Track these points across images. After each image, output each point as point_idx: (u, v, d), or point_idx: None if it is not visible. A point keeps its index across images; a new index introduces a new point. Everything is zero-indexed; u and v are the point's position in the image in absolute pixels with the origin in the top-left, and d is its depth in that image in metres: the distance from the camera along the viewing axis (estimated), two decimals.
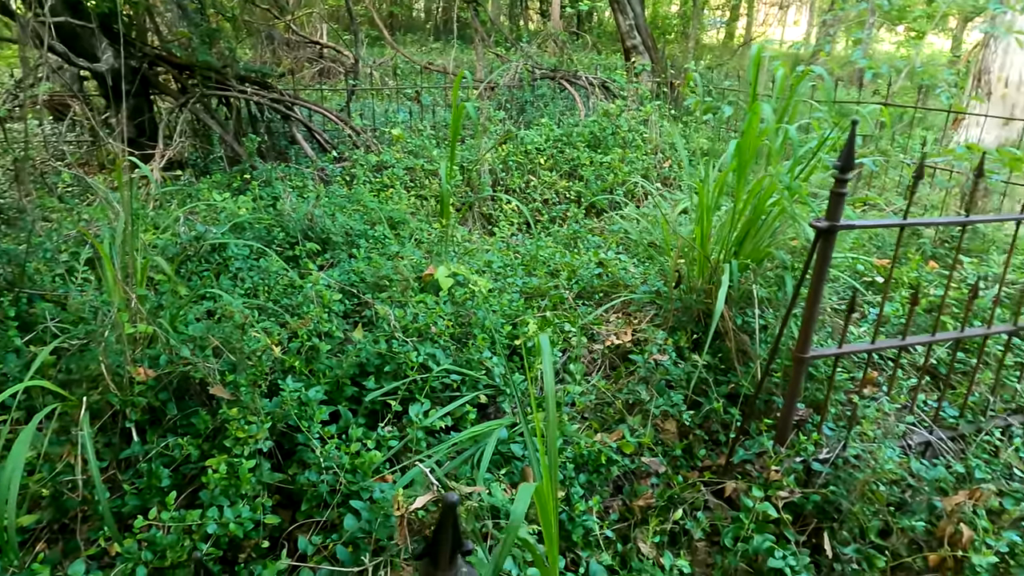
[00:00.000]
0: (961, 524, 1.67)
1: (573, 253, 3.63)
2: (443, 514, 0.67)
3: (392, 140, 5.13)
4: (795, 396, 1.76)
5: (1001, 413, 2.12)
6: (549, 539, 1.23)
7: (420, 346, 2.21)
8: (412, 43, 15.56)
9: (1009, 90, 6.22)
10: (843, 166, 1.51)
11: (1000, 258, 3.15)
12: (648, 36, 9.05)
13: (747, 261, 2.51)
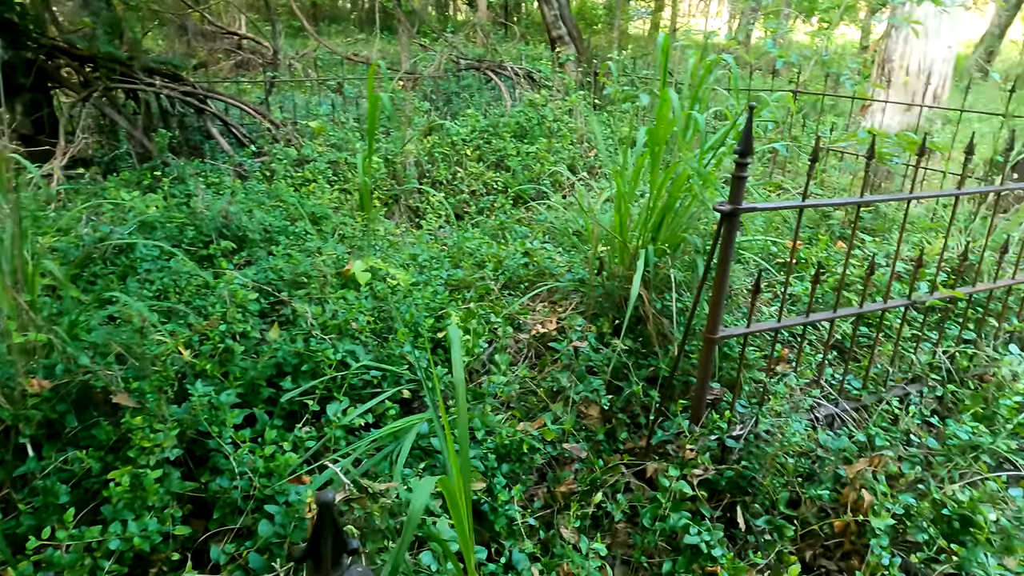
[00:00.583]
0: (863, 490, 1.76)
1: (500, 244, 3.62)
2: (319, 514, 0.64)
3: (313, 133, 4.99)
4: (707, 376, 1.81)
5: (900, 383, 2.24)
6: (462, 532, 1.22)
7: (339, 343, 2.16)
8: (337, 34, 15.19)
9: (910, 78, 6.57)
10: (742, 151, 1.56)
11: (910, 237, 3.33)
12: (573, 27, 9.12)
13: (664, 246, 2.56)
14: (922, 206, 3.63)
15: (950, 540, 1.68)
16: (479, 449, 1.84)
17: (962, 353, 2.36)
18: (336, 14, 20.19)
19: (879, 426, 1.98)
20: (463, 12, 22.22)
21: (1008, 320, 2.52)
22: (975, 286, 2.28)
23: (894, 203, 3.31)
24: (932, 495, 1.77)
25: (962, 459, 1.89)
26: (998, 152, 3.41)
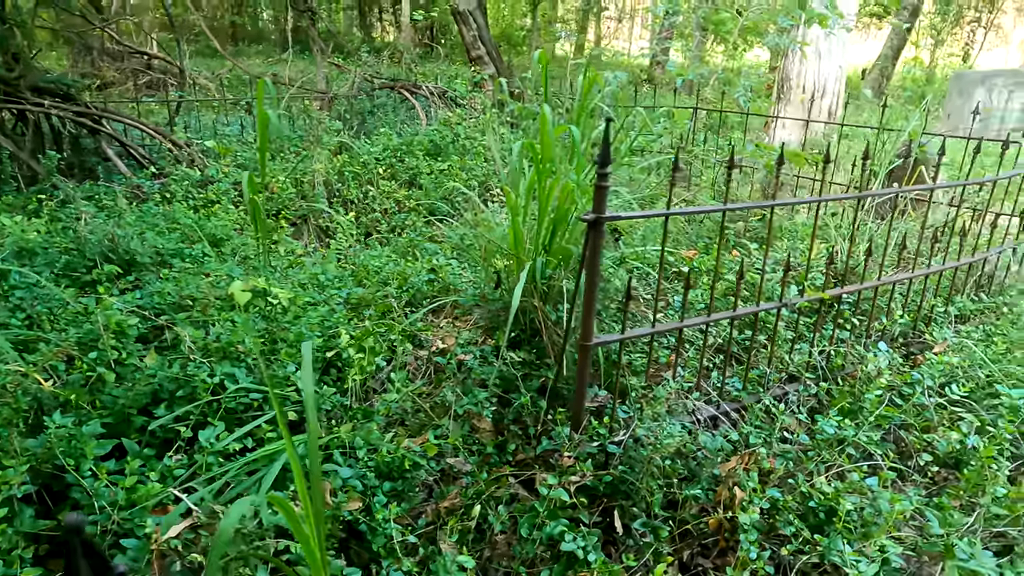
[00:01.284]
0: (735, 487, 1.82)
1: (408, 262, 3.60)
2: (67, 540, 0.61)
3: (219, 153, 4.86)
4: (584, 383, 1.84)
5: (777, 383, 2.34)
6: (311, 558, 1.18)
7: (217, 366, 2.08)
8: (257, 54, 14.91)
9: (806, 95, 6.97)
10: (601, 162, 1.60)
11: (791, 243, 3.50)
12: (493, 47, 9.25)
13: (557, 259, 2.60)
14: (809, 214, 3.83)
15: (815, 531, 1.75)
16: (357, 468, 1.81)
17: (837, 352, 2.48)
18: (258, 34, 19.82)
19: (754, 425, 2.05)
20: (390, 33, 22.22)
21: (878, 319, 2.68)
22: (843, 288, 2.41)
23: (780, 212, 3.48)
24: (800, 488, 1.84)
25: (829, 453, 1.98)
26: (875, 162, 3.63)
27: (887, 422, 2.07)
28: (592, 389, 2.14)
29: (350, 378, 2.33)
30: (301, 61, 11.72)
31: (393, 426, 2.17)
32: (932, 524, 1.76)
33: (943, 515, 1.79)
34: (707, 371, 2.40)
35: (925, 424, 2.16)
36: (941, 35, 19.74)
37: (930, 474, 2.07)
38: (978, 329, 2.75)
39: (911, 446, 2.11)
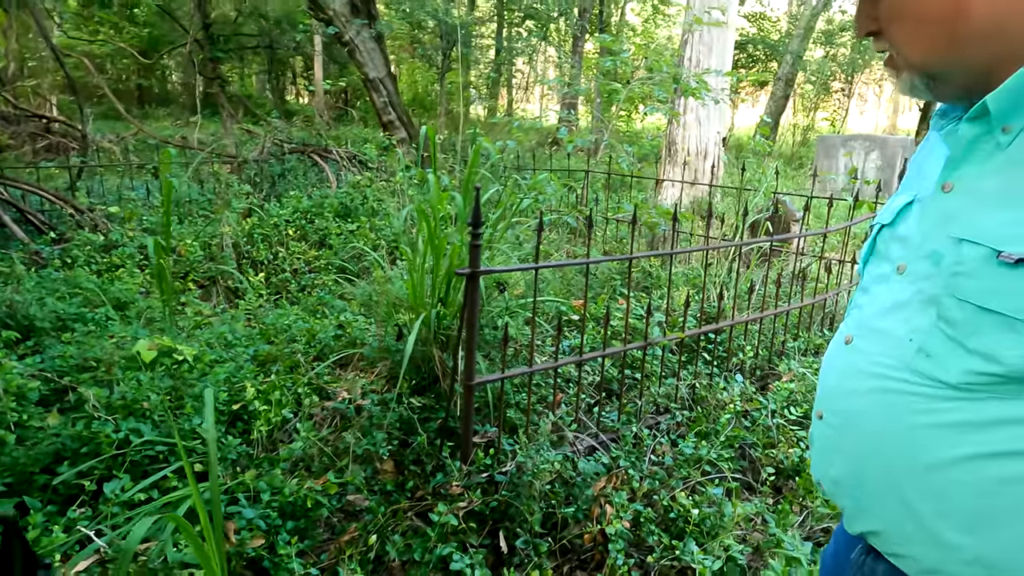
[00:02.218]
0: (607, 504, 2.07)
1: (317, 319, 3.74)
2: (4, 533, 0.77)
3: (124, 218, 4.87)
4: (469, 419, 2.06)
5: (648, 414, 2.64)
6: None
7: (123, 422, 2.17)
8: (165, 117, 14.74)
9: (691, 158, 7.67)
10: (474, 223, 1.88)
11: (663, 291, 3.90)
12: (403, 112, 9.65)
13: (453, 310, 2.85)
14: (686, 265, 4.28)
15: (674, 538, 2.02)
16: (261, 509, 1.94)
17: (701, 385, 2.82)
18: (165, 97, 19.58)
19: (625, 450, 2.32)
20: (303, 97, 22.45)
21: (736, 354, 3.06)
22: (700, 328, 2.77)
23: (656, 262, 3.89)
24: (662, 502, 2.11)
25: (688, 470, 2.27)
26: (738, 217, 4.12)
27: (737, 441, 2.40)
28: (483, 427, 2.36)
29: (256, 429, 2.45)
30: (211, 124, 11.73)
31: (297, 471, 2.31)
32: (771, 525, 2.07)
33: (779, 517, 2.10)
34: (589, 407, 2.67)
35: (769, 442, 2.51)
36: (815, 102, 21.95)
37: (775, 484, 2.39)
38: (819, 360, 3.18)
39: (758, 461, 2.44)
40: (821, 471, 0.97)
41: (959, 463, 0.77)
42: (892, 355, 0.84)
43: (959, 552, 0.79)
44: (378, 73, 9.06)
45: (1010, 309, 0.72)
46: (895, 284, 0.88)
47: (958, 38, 0.77)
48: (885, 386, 0.84)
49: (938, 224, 0.82)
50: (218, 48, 8.20)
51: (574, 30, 17.46)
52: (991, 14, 0.74)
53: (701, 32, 7.31)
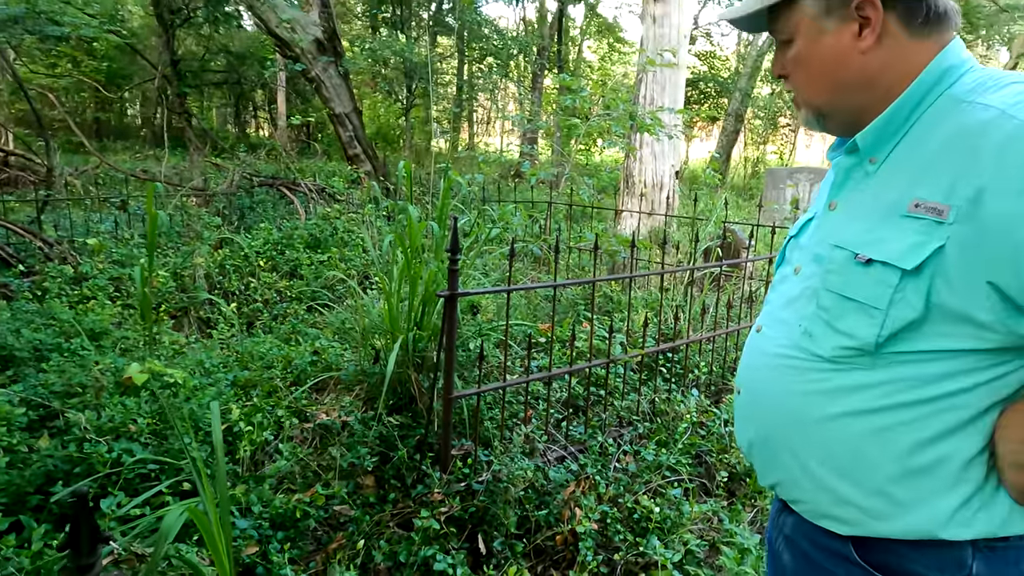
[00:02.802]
0: (576, 507, 2.24)
1: (291, 347, 3.86)
2: (76, 505, 0.92)
3: (93, 251, 4.92)
4: (448, 431, 2.23)
5: (612, 427, 2.83)
6: (220, 562, 1.46)
7: (115, 444, 2.27)
8: (124, 150, 14.63)
9: (647, 190, 8.04)
10: (452, 250, 2.07)
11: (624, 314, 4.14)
12: (368, 146, 9.84)
13: (428, 333, 3.01)
14: (644, 290, 4.54)
15: (638, 536, 2.20)
16: (253, 520, 2.06)
17: (660, 399, 3.03)
18: (123, 130, 19.41)
19: (591, 459, 2.51)
20: (265, 130, 22.48)
21: (692, 371, 3.29)
22: (660, 346, 2.99)
23: (617, 287, 4.14)
24: (627, 505, 2.30)
25: (650, 474, 2.46)
26: (691, 245, 4.42)
27: (694, 449, 2.61)
28: (460, 441, 2.52)
29: (241, 449, 2.56)
30: (173, 157, 11.72)
31: (283, 486, 2.42)
32: (725, 522, 2.27)
33: (733, 515, 2.30)
34: (557, 421, 2.86)
35: (722, 448, 2.72)
36: (764, 136, 22.96)
37: (728, 487, 2.61)
38: None
39: (713, 467, 2.65)
40: (741, 437, 1.17)
41: (833, 420, 0.97)
42: (787, 338, 1.05)
43: (835, 493, 0.98)
44: (344, 108, 9.27)
45: (863, 297, 0.93)
46: (792, 283, 1.09)
47: (839, 86, 1.00)
48: (782, 363, 1.04)
49: (823, 234, 1.04)
50: (186, 83, 8.30)
51: (534, 67, 18.03)
52: (863, 70, 0.98)
53: (654, 72, 7.74)
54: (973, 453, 0.91)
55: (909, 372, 0.91)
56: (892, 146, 0.98)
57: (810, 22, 0.99)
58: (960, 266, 0.86)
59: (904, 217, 0.91)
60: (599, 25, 23.34)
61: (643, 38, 8.10)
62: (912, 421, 0.92)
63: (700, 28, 21.73)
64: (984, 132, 0.86)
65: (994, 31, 17.21)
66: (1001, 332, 0.86)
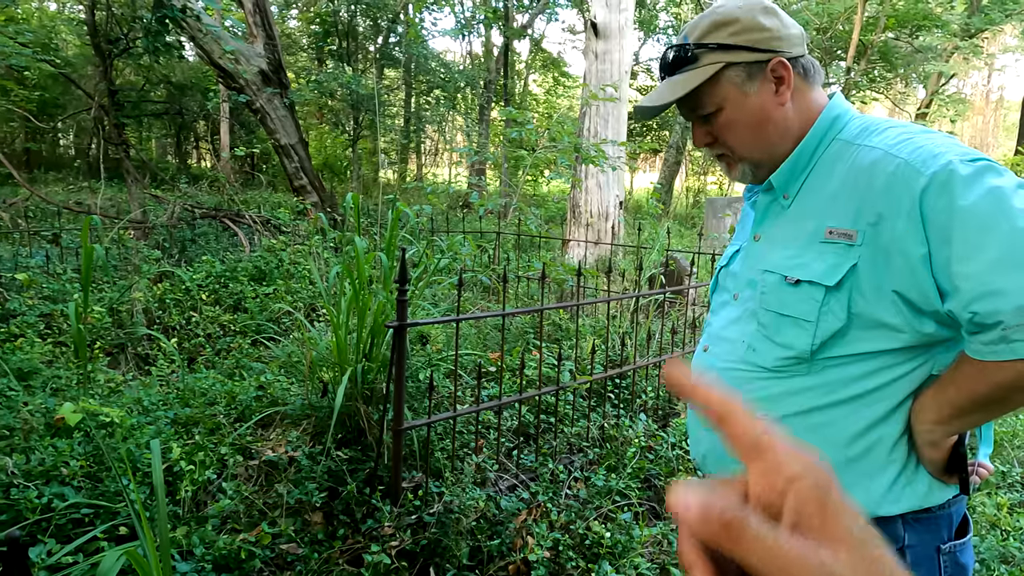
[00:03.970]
0: (528, 536, 2.25)
1: (235, 381, 3.75)
2: (7, 552, 0.89)
3: (22, 285, 4.70)
4: (399, 463, 2.21)
5: (563, 453, 2.86)
6: None
7: (44, 488, 2.16)
8: (56, 181, 14.08)
9: (593, 220, 8.21)
10: (400, 280, 2.08)
11: (572, 342, 4.20)
12: (315, 177, 9.76)
13: (376, 364, 2.99)
14: (592, 318, 4.62)
15: (590, 562, 2.22)
16: (195, 563, 1.98)
17: (609, 424, 3.08)
18: (56, 161, 18.68)
19: (543, 486, 2.52)
20: (206, 161, 22.01)
21: (639, 396, 3.35)
22: (608, 372, 3.05)
23: (565, 316, 4.21)
24: (579, 531, 2.32)
25: (601, 500, 2.49)
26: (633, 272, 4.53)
27: (643, 473, 2.65)
28: (410, 473, 2.49)
29: (182, 489, 2.47)
30: (109, 189, 11.35)
31: (227, 526, 2.34)
32: (674, 543, 2.31)
33: None
34: (509, 450, 2.86)
35: (670, 471, 2.78)
36: (704, 167, 23.80)
37: None
38: None
39: (662, 490, 2.69)
40: (694, 451, 1.29)
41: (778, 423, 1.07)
42: (733, 354, 1.19)
43: None
44: (290, 139, 9.18)
45: (796, 312, 1.08)
46: (732, 307, 1.24)
47: (768, 138, 1.17)
48: (729, 376, 1.17)
49: (753, 262, 1.20)
50: (124, 114, 8.09)
51: (481, 100, 18.30)
52: (784, 120, 1.16)
53: (598, 106, 7.98)
54: (896, 437, 1.05)
55: (839, 374, 1.06)
56: (800, 184, 1.15)
57: (736, 90, 1.14)
58: (870, 279, 1.02)
59: (822, 243, 1.07)
60: (544, 60, 23.93)
61: (586, 73, 8.37)
62: (845, 416, 1.06)
63: (641, 64, 22.55)
64: (874, 169, 1.02)
65: (911, 70, 18.42)
66: (908, 332, 1.01)
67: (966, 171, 0.94)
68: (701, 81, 1.14)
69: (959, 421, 1.00)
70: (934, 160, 0.96)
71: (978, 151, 0.99)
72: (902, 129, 1.06)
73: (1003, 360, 0.92)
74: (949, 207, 0.93)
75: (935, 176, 0.95)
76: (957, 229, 0.93)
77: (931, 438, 1.02)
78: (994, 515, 2.47)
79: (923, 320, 1.00)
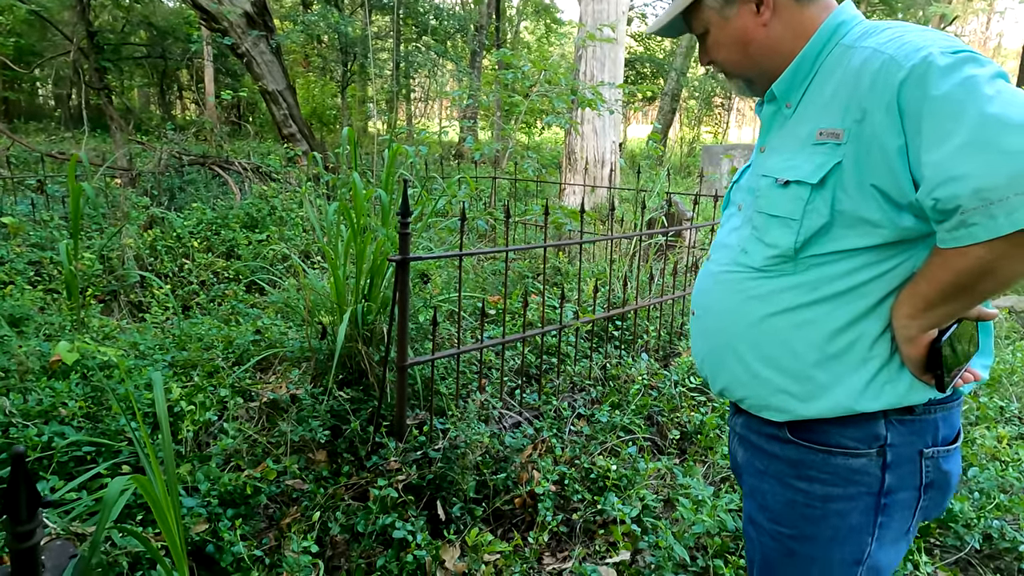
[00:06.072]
0: (534, 470, 2.25)
1: (231, 327, 3.71)
2: (12, 467, 0.85)
3: (9, 232, 4.59)
4: (403, 399, 2.19)
5: (566, 391, 2.85)
6: (172, 541, 1.39)
7: (44, 428, 2.13)
8: (37, 131, 13.72)
9: (589, 166, 8.09)
10: (403, 213, 2.02)
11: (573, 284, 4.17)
12: (304, 125, 9.54)
13: (376, 305, 2.95)
14: (591, 262, 4.58)
15: (595, 495, 2.22)
16: (200, 499, 1.97)
17: (612, 364, 3.07)
18: (35, 111, 18.17)
19: (547, 423, 2.52)
20: (191, 111, 21.49)
21: (641, 336, 3.34)
22: (608, 311, 3.02)
23: (565, 259, 4.16)
24: (583, 465, 2.32)
25: (605, 435, 2.49)
26: (636, 215, 4.47)
27: (646, 410, 2.65)
28: (414, 411, 2.48)
29: (183, 430, 2.45)
30: (93, 139, 11.07)
31: (231, 464, 2.33)
32: (679, 476, 2.32)
33: (686, 469, 2.35)
34: (512, 389, 2.85)
35: (673, 407, 2.78)
36: (699, 117, 23.47)
37: (680, 445, 2.66)
38: None
39: (664, 426, 2.70)
40: (695, 353, 1.33)
41: (766, 319, 1.14)
42: (729, 257, 1.24)
43: (771, 384, 1.14)
44: (277, 85, 8.93)
45: (783, 212, 1.12)
46: (735, 217, 1.29)
47: (753, 56, 1.22)
48: (724, 278, 1.23)
49: (756, 172, 1.23)
50: (104, 57, 7.81)
51: (472, 46, 17.82)
52: (768, 39, 1.19)
53: (594, 48, 7.75)
54: (877, 333, 1.08)
55: (823, 272, 1.09)
56: (802, 91, 1.17)
57: (716, 14, 1.21)
58: (853, 176, 1.04)
59: (813, 145, 1.10)
60: (536, 5, 23.24)
61: (582, 14, 8.11)
62: (828, 313, 1.09)
63: (636, 9, 21.94)
64: (863, 66, 1.04)
65: (911, 14, 18.03)
66: (888, 227, 1.04)
67: (944, 62, 0.94)
68: (681, 9, 1.24)
69: (931, 314, 1.01)
70: (916, 53, 0.97)
71: (965, 44, 0.98)
72: (898, 29, 1.06)
73: (963, 246, 0.92)
74: (922, 97, 0.94)
75: (914, 68, 0.96)
76: (927, 118, 0.94)
77: (907, 333, 1.04)
78: (994, 447, 2.50)
79: (902, 214, 1.02)
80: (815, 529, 1.13)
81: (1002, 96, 0.89)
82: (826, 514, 1.12)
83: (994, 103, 0.89)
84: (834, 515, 1.11)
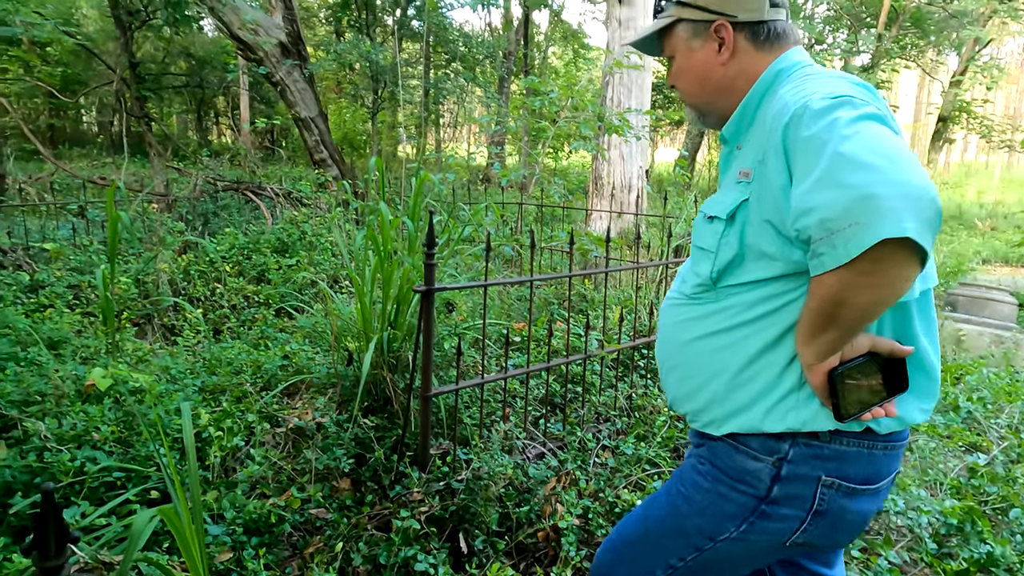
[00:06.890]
0: (557, 503, 2.22)
1: (260, 351, 3.76)
2: (42, 502, 0.87)
3: (50, 257, 4.75)
4: (427, 429, 2.19)
5: (591, 422, 2.82)
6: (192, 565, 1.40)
7: (77, 452, 2.18)
8: (80, 157, 14.20)
9: (615, 191, 8.09)
10: (428, 244, 2.04)
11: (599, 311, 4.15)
12: (335, 150, 9.73)
13: (402, 332, 2.97)
14: (618, 289, 4.55)
15: None
16: (225, 526, 1.99)
17: (637, 394, 3.03)
18: (79, 137, 18.85)
19: (571, 454, 2.49)
20: (227, 136, 22.08)
21: None
22: (635, 341, 2.99)
23: (591, 286, 4.14)
24: (607, 499, 2.29)
25: (630, 468, 2.46)
26: (663, 243, 4.44)
27: (672, 442, 2.61)
28: (437, 440, 2.47)
29: (211, 455, 2.48)
30: (132, 164, 11.42)
31: (256, 491, 2.35)
32: None
33: None
34: (536, 419, 2.84)
35: None
36: None
37: None
38: None
39: None
40: (660, 372, 1.42)
41: (694, 342, 1.25)
42: (675, 286, 1.36)
43: (696, 402, 1.25)
44: (310, 112, 9.14)
45: (706, 244, 1.23)
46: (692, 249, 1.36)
47: (708, 90, 1.30)
48: (668, 305, 1.35)
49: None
50: (146, 87, 8.10)
51: (500, 72, 18.06)
52: (724, 77, 1.27)
53: (621, 75, 7.80)
54: (784, 364, 1.14)
55: (737, 300, 1.18)
56: (746, 135, 1.25)
57: (683, 44, 1.30)
58: (756, 212, 1.13)
59: (735, 184, 1.19)
60: (564, 31, 23.51)
61: (609, 41, 8.17)
62: (743, 339, 1.17)
63: None
64: (772, 112, 1.11)
65: (944, 36, 17.81)
66: (782, 260, 1.11)
67: (818, 106, 1.00)
68: (655, 30, 1.33)
69: (816, 342, 1.05)
70: (800, 100, 1.04)
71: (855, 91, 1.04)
72: (811, 77, 1.14)
73: (817, 274, 0.98)
74: (796, 138, 1.01)
75: (794, 113, 1.03)
76: (798, 156, 1.01)
77: (804, 361, 1.10)
78: None
79: (792, 248, 1.09)
80: (695, 494, 1.25)
81: (858, 136, 0.94)
82: (711, 490, 1.23)
83: (848, 142, 0.93)
84: (716, 494, 1.22)
